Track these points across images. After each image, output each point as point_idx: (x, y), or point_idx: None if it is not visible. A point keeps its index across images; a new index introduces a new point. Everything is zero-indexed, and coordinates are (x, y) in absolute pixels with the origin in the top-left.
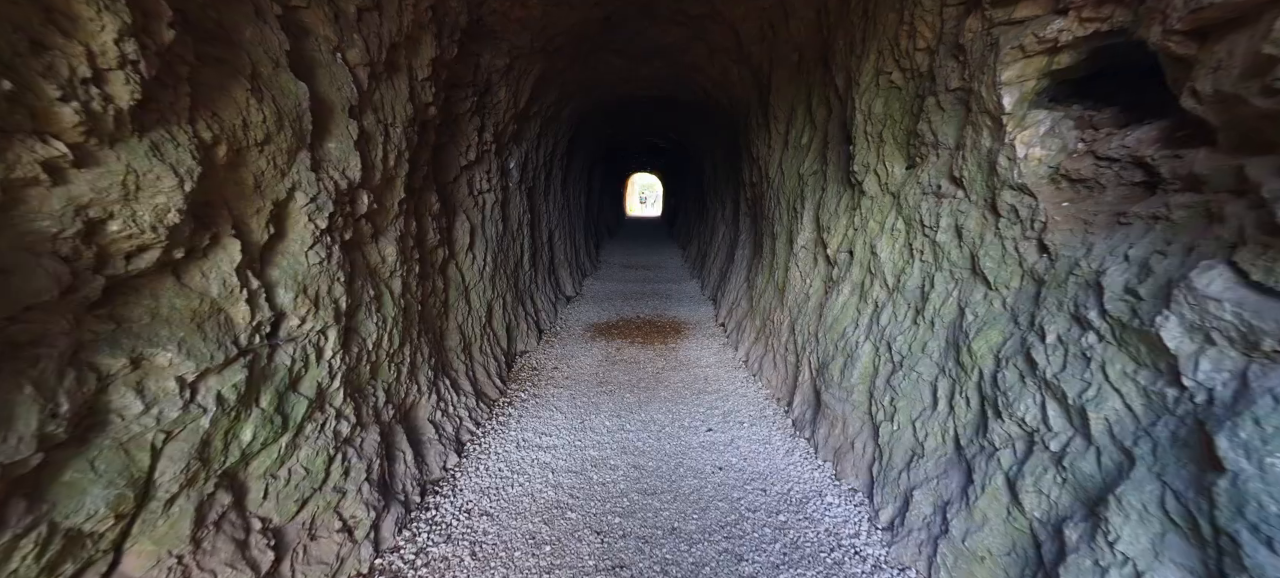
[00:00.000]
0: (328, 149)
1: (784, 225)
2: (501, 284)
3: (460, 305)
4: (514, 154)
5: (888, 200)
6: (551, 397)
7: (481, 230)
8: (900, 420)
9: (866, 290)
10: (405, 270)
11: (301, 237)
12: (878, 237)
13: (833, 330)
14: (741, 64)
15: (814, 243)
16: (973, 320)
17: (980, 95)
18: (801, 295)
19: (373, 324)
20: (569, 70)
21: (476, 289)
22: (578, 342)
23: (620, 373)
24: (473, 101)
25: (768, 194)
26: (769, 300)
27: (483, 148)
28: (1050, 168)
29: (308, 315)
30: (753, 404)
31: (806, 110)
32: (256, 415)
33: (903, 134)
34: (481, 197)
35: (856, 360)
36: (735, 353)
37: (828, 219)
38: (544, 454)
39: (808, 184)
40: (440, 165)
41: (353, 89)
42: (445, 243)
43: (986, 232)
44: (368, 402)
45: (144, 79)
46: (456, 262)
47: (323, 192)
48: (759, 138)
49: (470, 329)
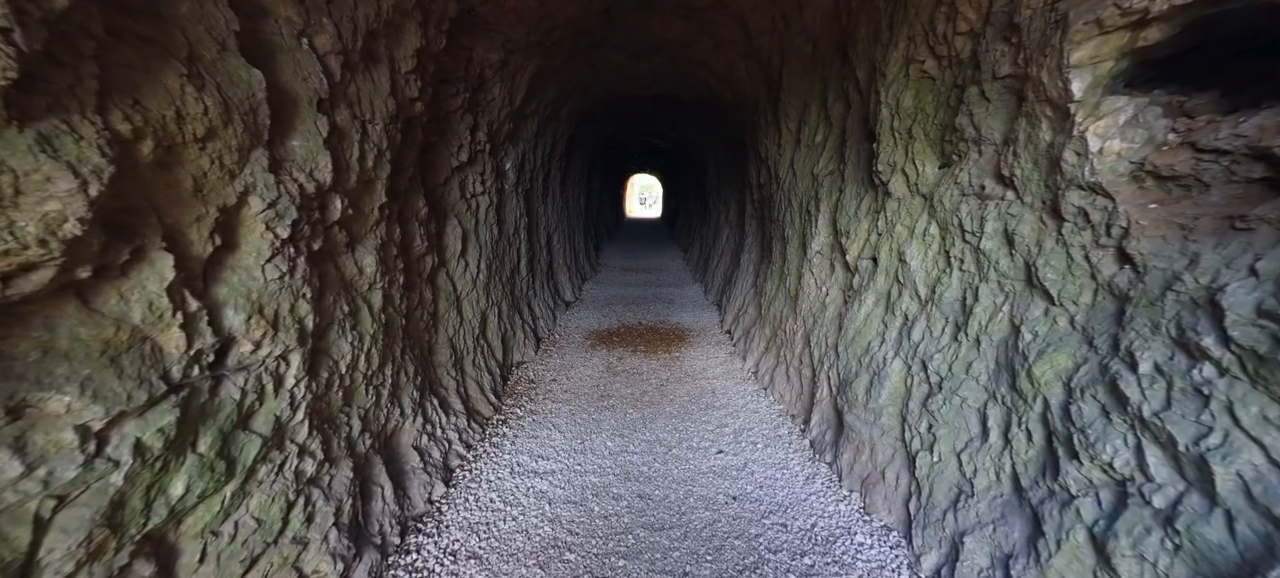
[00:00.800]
0: (290, 147)
1: (796, 229)
2: (497, 292)
3: (451, 317)
4: (510, 155)
5: (918, 203)
6: (549, 413)
7: (475, 235)
8: (941, 451)
9: (894, 301)
10: (387, 282)
11: (257, 248)
12: (906, 242)
13: (855, 344)
14: (749, 58)
15: (830, 248)
16: (1031, 340)
17: (1039, 82)
18: (817, 304)
19: (347, 344)
20: (567, 67)
21: (469, 298)
22: (577, 351)
23: (622, 385)
24: (464, 98)
25: (777, 196)
26: (780, 308)
27: (476, 148)
28: (1132, 164)
29: (264, 339)
30: (766, 422)
31: (821, 106)
32: (192, 463)
33: (936, 129)
34: (475, 200)
35: (884, 379)
36: (743, 363)
37: (846, 223)
38: (540, 481)
39: (823, 185)
40: (429, 167)
41: (322, 80)
42: (434, 250)
43: (1046, 238)
44: (339, 433)
45: (21, 53)
46: (447, 270)
47: (284, 196)
48: (767, 136)
49: (462, 342)
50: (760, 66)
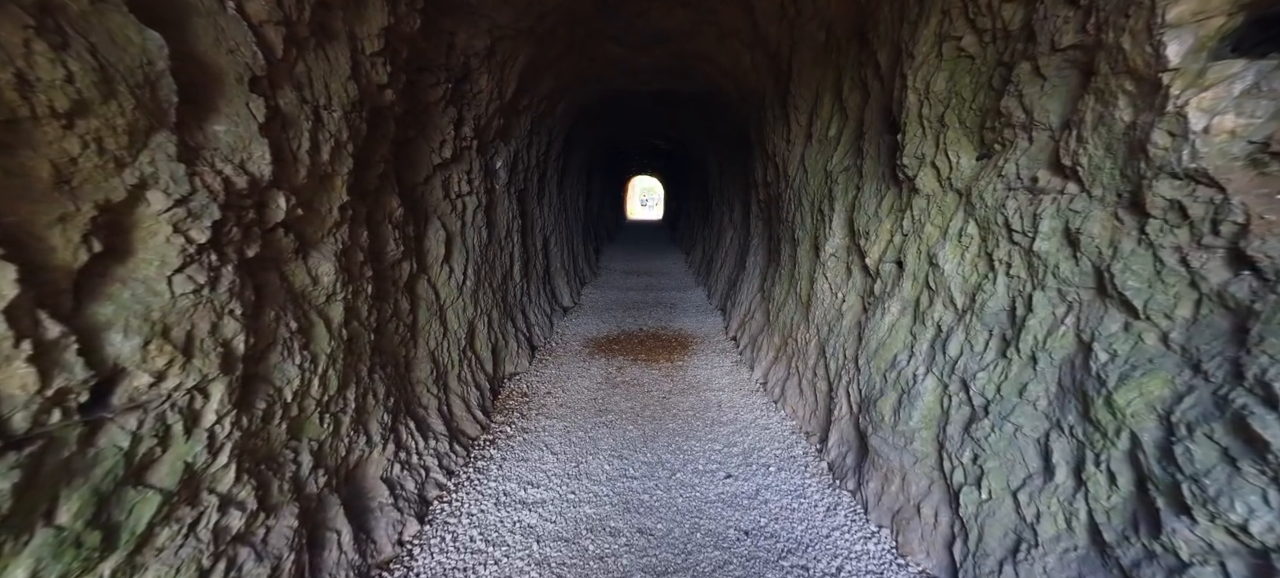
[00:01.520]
0: (212, 133)
1: (807, 230)
2: (486, 299)
3: (433, 328)
4: (501, 153)
5: (951, 199)
6: (542, 431)
7: (461, 239)
8: (992, 487)
9: (924, 310)
10: (351, 292)
11: (161, 255)
12: (938, 244)
13: (879, 357)
14: (756, 48)
15: (846, 250)
16: (1108, 361)
17: (1117, 49)
18: (832, 311)
19: (295, 367)
20: (562, 59)
21: (454, 307)
22: (575, 360)
23: (622, 398)
24: (446, 89)
25: (785, 195)
26: (790, 315)
27: (461, 144)
28: (1252, 144)
29: (170, 368)
30: (778, 440)
31: (835, 97)
32: (44, 541)
33: (974, 116)
34: (461, 200)
35: (916, 399)
36: (751, 373)
37: (865, 223)
38: (529, 514)
39: (837, 182)
40: (406, 164)
41: (257, 54)
42: (412, 255)
43: (1123, 238)
44: (282, 473)
45: None
46: (428, 277)
47: (202, 191)
48: (775, 132)
49: (446, 355)
50: (768, 57)
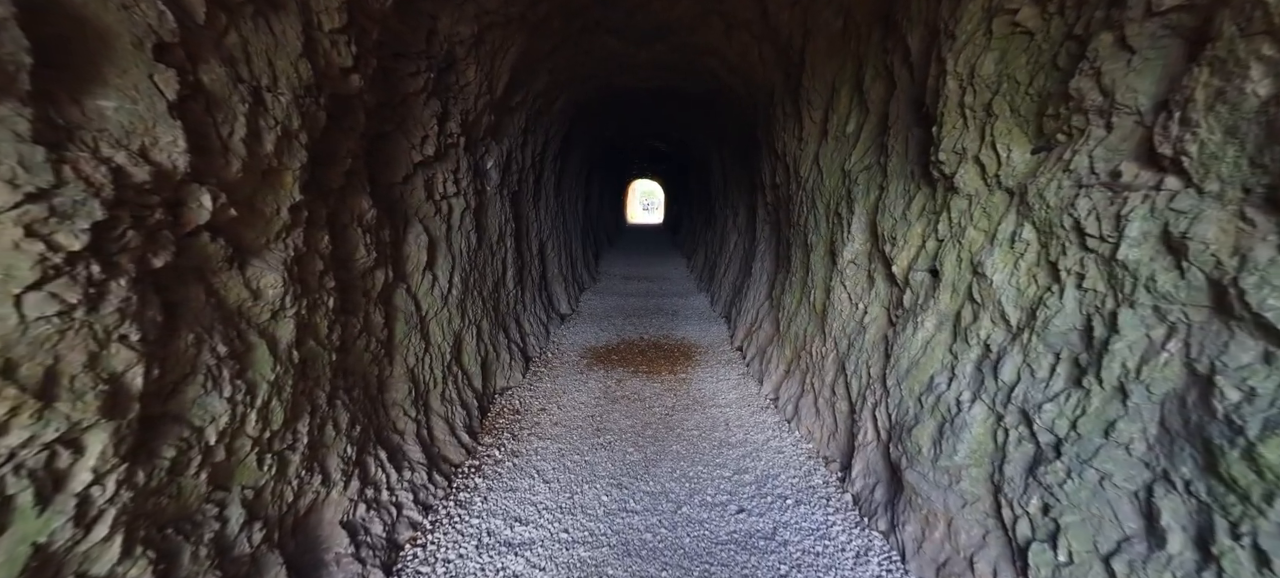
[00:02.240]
0: (95, 109)
1: (821, 234)
2: (475, 309)
3: (412, 343)
4: (492, 152)
5: (1000, 199)
6: (534, 455)
7: (446, 244)
8: (1073, 547)
9: (966, 326)
10: (306, 306)
11: (3, 267)
12: (984, 251)
13: (912, 378)
14: (764, 40)
15: (868, 256)
16: (1241, 402)
17: (1256, 5)
18: (852, 323)
19: (223, 401)
20: (558, 53)
21: (438, 319)
22: (572, 372)
23: (621, 415)
24: (428, 79)
25: (797, 197)
26: (803, 326)
27: (446, 141)
28: None
29: (16, 417)
30: (794, 466)
31: (855, 89)
32: None
33: (1031, 101)
34: (446, 202)
35: (961, 430)
36: (760, 388)
37: (890, 226)
38: (515, 559)
39: (857, 182)
40: (381, 161)
41: (165, 15)
42: (388, 262)
43: (1255, 244)
44: (199, 536)
45: None
46: (408, 286)
47: (74, 183)
48: (785, 129)
49: (428, 373)
50: (778, 49)
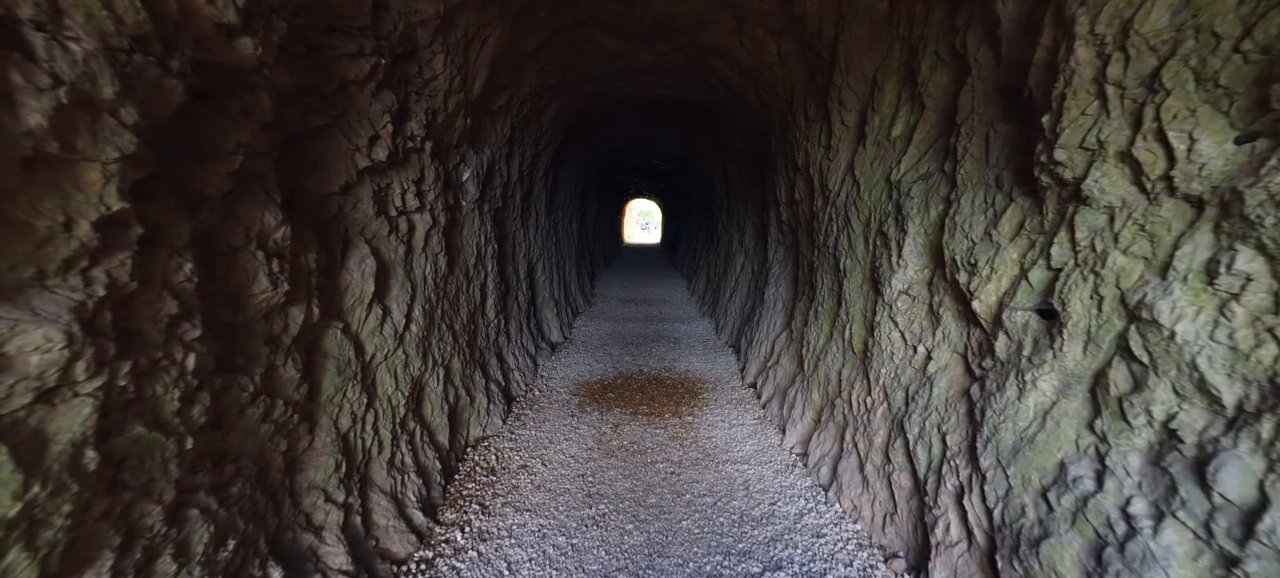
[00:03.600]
0: None
1: (859, 258)
2: (443, 347)
3: (348, 399)
4: (470, 161)
5: (1175, 211)
6: (507, 537)
7: (404, 269)
8: None
9: (1121, 396)
10: (127, 374)
11: None
12: (1150, 287)
13: (1025, 461)
14: (786, 35)
15: (928, 286)
16: None
17: None
18: (910, 371)
19: None
20: (546, 51)
21: (390, 363)
22: (561, 414)
23: (618, 474)
24: (377, 65)
25: (823, 214)
26: (835, 366)
27: (405, 144)
28: None
29: None
30: (841, 560)
31: (906, 82)
32: None
33: (1239, 68)
34: (406, 218)
35: (1145, 567)
36: (782, 439)
37: (965, 250)
38: None
39: (910, 196)
40: (307, 163)
41: None
42: (312, 296)
43: None
44: None
45: None
46: (346, 325)
47: None
48: (809, 138)
49: (370, 436)
50: (801, 44)
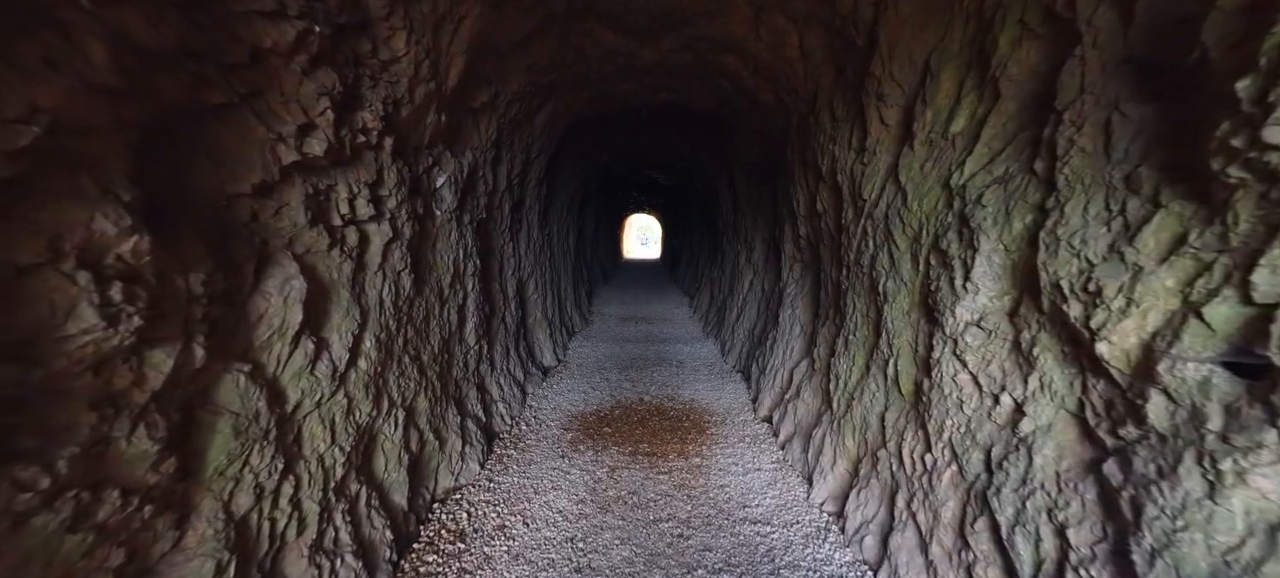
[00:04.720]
0: None
1: (905, 279)
2: (405, 384)
3: (252, 468)
4: (446, 165)
5: None
6: None
7: (351, 291)
8: None
9: None
10: None
11: None
12: None
13: None
14: (811, 22)
15: (1010, 316)
16: None
17: None
18: (990, 429)
19: None
20: (536, 43)
21: (322, 412)
22: (550, 456)
23: (614, 535)
24: (306, 33)
25: (855, 227)
26: (877, 409)
27: (353, 138)
28: None
29: None
30: None
31: (972, 65)
32: None
33: None
34: (355, 229)
35: None
36: (809, 491)
37: (1076, 271)
38: None
39: (982, 204)
40: (196, 150)
41: None
42: (193, 335)
43: None
44: None
45: None
46: (257, 367)
47: None
48: (837, 140)
49: (289, 512)
50: (830, 33)
